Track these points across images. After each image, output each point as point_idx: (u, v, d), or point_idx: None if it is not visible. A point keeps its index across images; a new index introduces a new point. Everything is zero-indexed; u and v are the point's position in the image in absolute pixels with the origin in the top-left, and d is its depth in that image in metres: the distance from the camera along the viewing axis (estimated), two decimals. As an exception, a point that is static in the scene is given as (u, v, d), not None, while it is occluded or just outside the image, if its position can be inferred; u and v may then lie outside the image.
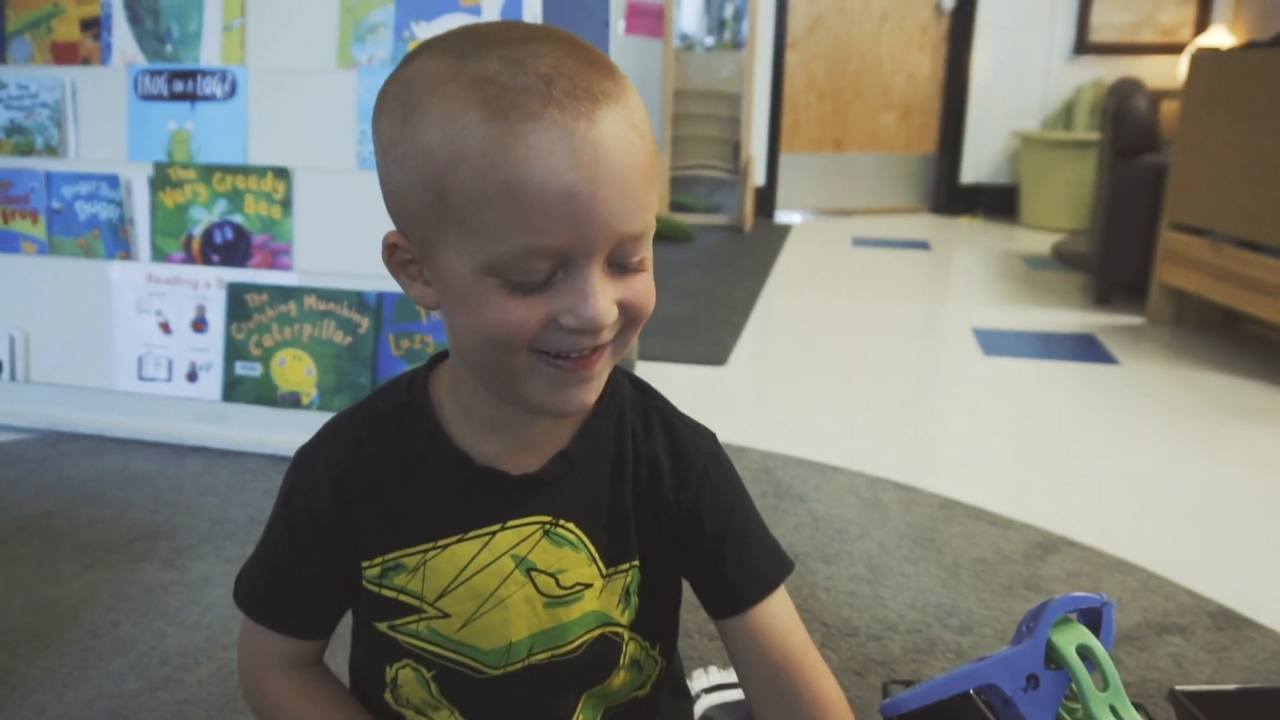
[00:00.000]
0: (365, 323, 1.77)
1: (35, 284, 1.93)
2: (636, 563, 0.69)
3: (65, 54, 2.04)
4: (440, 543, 0.66)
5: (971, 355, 2.61)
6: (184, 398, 1.84)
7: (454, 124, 0.54)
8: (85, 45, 2.04)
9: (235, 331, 1.83)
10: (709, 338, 2.70)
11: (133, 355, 1.88)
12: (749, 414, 2.14)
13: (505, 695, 0.68)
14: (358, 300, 1.77)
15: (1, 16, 2.07)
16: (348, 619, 0.73)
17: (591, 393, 0.61)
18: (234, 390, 1.82)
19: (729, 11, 5.24)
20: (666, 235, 4.27)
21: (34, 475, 1.68)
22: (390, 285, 1.76)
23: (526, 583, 0.66)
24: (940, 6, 5.22)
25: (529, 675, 0.68)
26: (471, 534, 0.66)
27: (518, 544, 0.66)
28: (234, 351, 1.83)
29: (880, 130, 5.37)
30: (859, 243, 4.48)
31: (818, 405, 2.18)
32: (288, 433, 1.76)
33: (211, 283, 1.84)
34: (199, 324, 1.85)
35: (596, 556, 0.68)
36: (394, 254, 0.62)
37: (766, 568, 0.71)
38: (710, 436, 0.72)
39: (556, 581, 0.66)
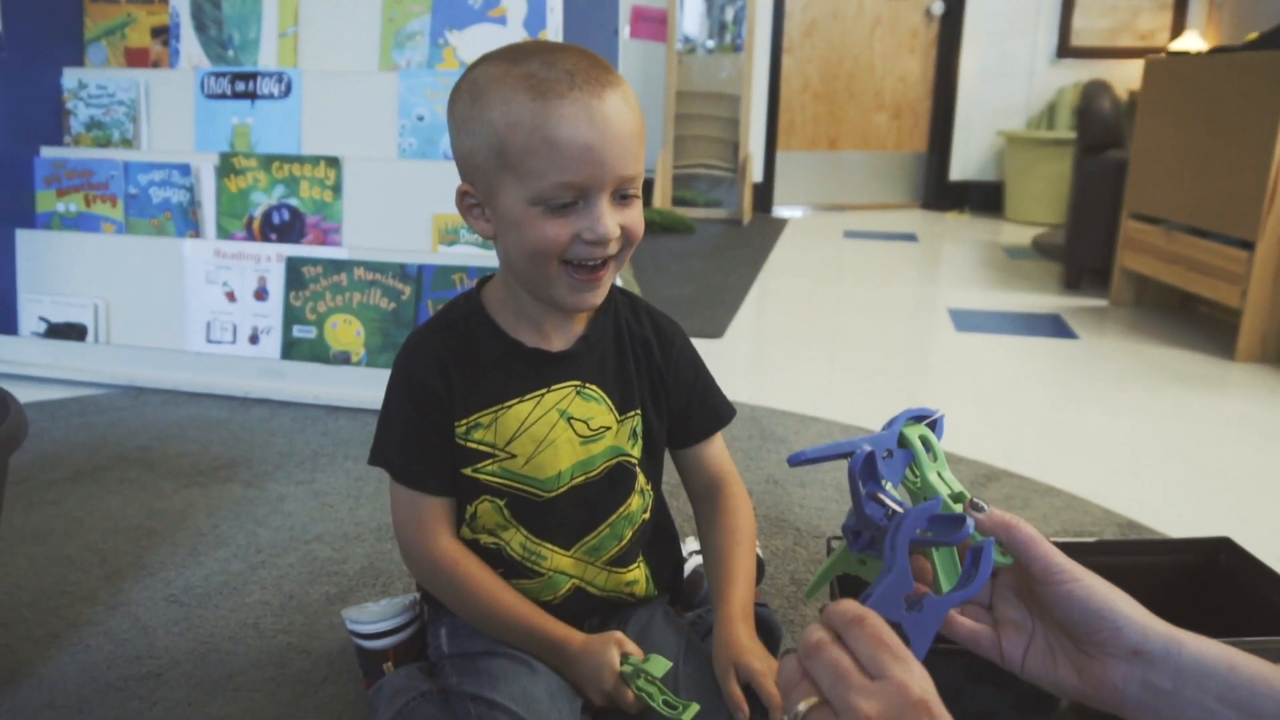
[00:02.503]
0: (407, 290, 2.04)
1: (115, 260, 2.21)
2: (639, 412, 0.98)
3: (137, 58, 2.32)
4: (506, 404, 0.93)
5: (945, 331, 2.88)
6: (247, 357, 2.11)
7: (509, 103, 0.83)
8: (155, 50, 2.32)
9: (293, 299, 2.10)
10: (707, 315, 2.97)
11: (202, 321, 2.16)
12: (742, 378, 2.41)
13: (555, 513, 0.96)
14: (400, 271, 2.04)
15: (80, 25, 2.35)
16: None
17: (598, 296, 0.91)
18: (292, 350, 2.10)
19: (729, 16, 5.51)
20: (668, 227, 4.53)
21: (124, 420, 1.95)
22: (428, 258, 2.04)
23: (567, 427, 0.94)
24: (930, 12, 5.49)
25: (570, 496, 0.96)
26: (527, 396, 0.94)
27: (559, 401, 0.94)
28: (292, 316, 2.10)
29: (873, 130, 5.63)
30: (850, 235, 4.75)
31: (802, 371, 2.45)
32: (339, 386, 2.03)
33: (271, 257, 2.11)
34: (260, 293, 2.13)
35: (612, 407, 0.97)
36: (463, 199, 0.90)
37: (721, 410, 1.05)
38: (677, 323, 1.04)
39: (587, 425, 0.95)
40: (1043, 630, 0.60)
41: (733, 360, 2.60)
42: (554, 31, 1.94)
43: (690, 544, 1.26)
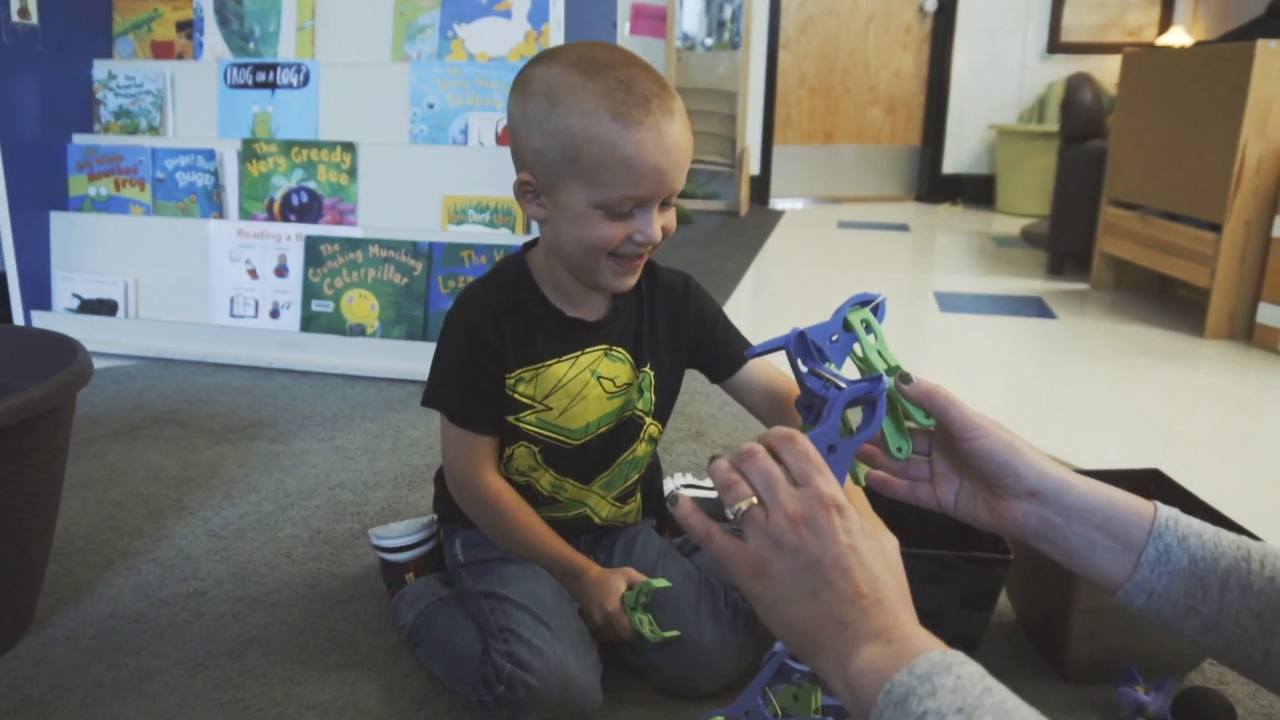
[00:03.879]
0: (419, 267, 2.17)
1: (143, 240, 2.34)
2: (648, 370, 1.12)
3: (163, 50, 2.46)
4: (545, 363, 1.07)
5: (929, 311, 3.01)
6: (269, 330, 2.25)
7: (590, 118, 0.92)
8: (180, 43, 2.46)
9: (311, 275, 2.24)
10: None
11: (226, 296, 2.30)
12: (733, 353, 2.54)
13: (579, 458, 1.11)
14: (413, 249, 2.18)
15: (109, 20, 2.48)
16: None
17: (635, 279, 1.05)
18: (310, 323, 2.24)
19: (727, 13, 5.64)
20: (668, 218, 4.67)
21: (154, 387, 2.09)
22: (438, 236, 2.17)
23: (597, 385, 1.09)
24: (923, 8, 5.62)
25: (594, 444, 1.11)
26: (565, 358, 1.07)
27: (592, 363, 1.08)
28: (310, 292, 2.24)
29: (867, 124, 5.76)
30: (844, 225, 4.88)
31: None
32: (356, 357, 2.17)
33: (291, 236, 2.25)
34: (281, 270, 2.26)
35: (632, 364, 1.11)
36: (522, 186, 1.01)
37: (742, 341, 1.18)
38: (687, 274, 1.17)
39: (614, 383, 1.10)
40: (965, 479, 0.73)
41: (726, 337, 2.73)
42: (555, 25, 2.08)
43: (676, 480, 1.39)
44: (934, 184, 5.76)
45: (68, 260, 2.37)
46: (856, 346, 0.78)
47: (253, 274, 2.28)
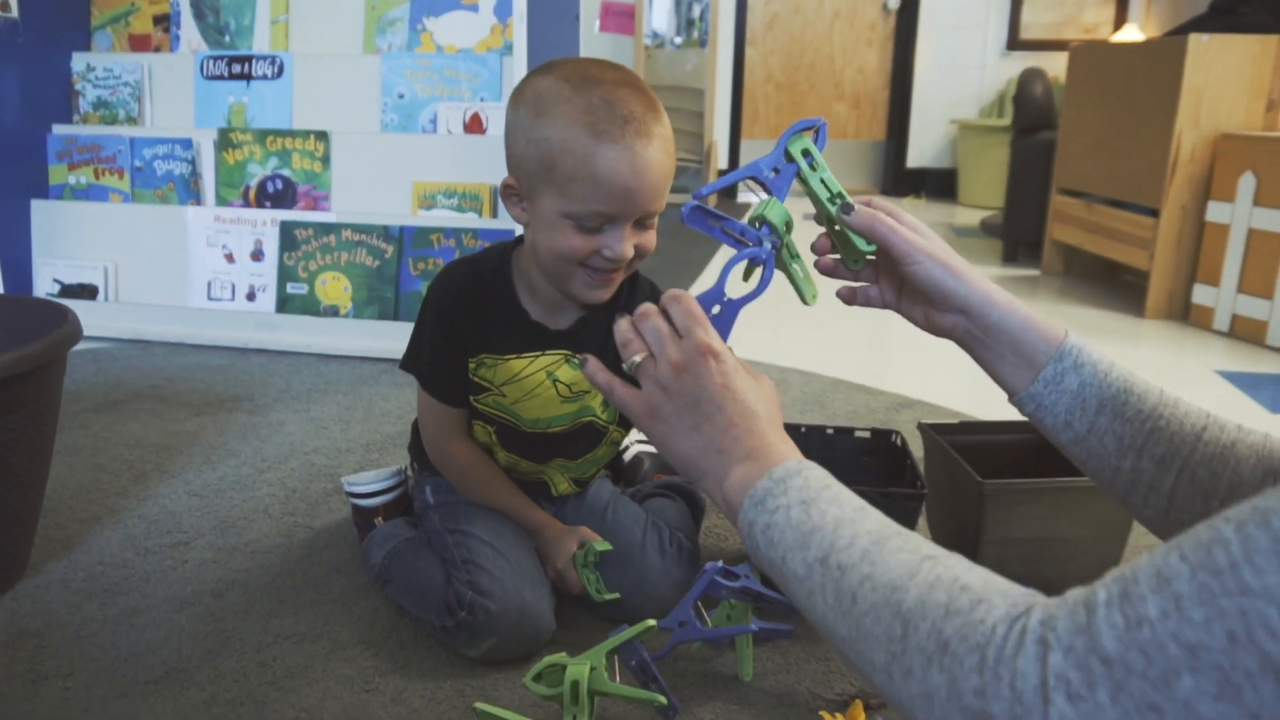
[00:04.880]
0: (390, 250, 2.27)
1: (122, 226, 2.42)
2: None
3: (140, 43, 2.54)
4: (505, 356, 1.15)
5: (885, 296, 3.13)
6: (245, 312, 2.33)
7: (568, 130, 0.96)
8: (157, 36, 2.53)
9: (286, 259, 2.33)
10: (667, 284, 3.20)
11: (203, 280, 2.38)
12: (695, 334, 2.65)
13: (533, 444, 1.19)
14: (384, 232, 2.27)
15: (87, 13, 2.56)
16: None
17: (608, 293, 1.09)
18: (285, 305, 2.32)
19: (696, 12, 5.75)
20: (637, 211, 4.76)
21: (135, 365, 2.17)
22: (408, 221, 2.27)
23: (551, 387, 1.16)
24: (887, 6, 5.75)
25: (548, 436, 1.19)
26: (524, 355, 1.15)
27: (549, 364, 1.15)
28: (285, 275, 2.33)
29: (833, 119, 5.89)
30: (809, 217, 4.99)
31: (746, 324, 2.69)
32: (330, 336, 2.26)
33: (267, 222, 2.34)
34: (257, 254, 2.35)
35: None
36: (507, 189, 1.07)
37: None
38: (653, 283, 1.21)
39: (570, 388, 1.16)
40: (906, 289, 0.83)
41: (689, 320, 2.83)
42: (519, 18, 2.17)
43: (631, 436, 1.50)
44: (898, 177, 5.89)
45: (48, 247, 2.44)
46: (801, 180, 0.81)
47: (229, 258, 2.36)
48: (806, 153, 0.81)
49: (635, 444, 1.46)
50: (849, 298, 0.85)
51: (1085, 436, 0.76)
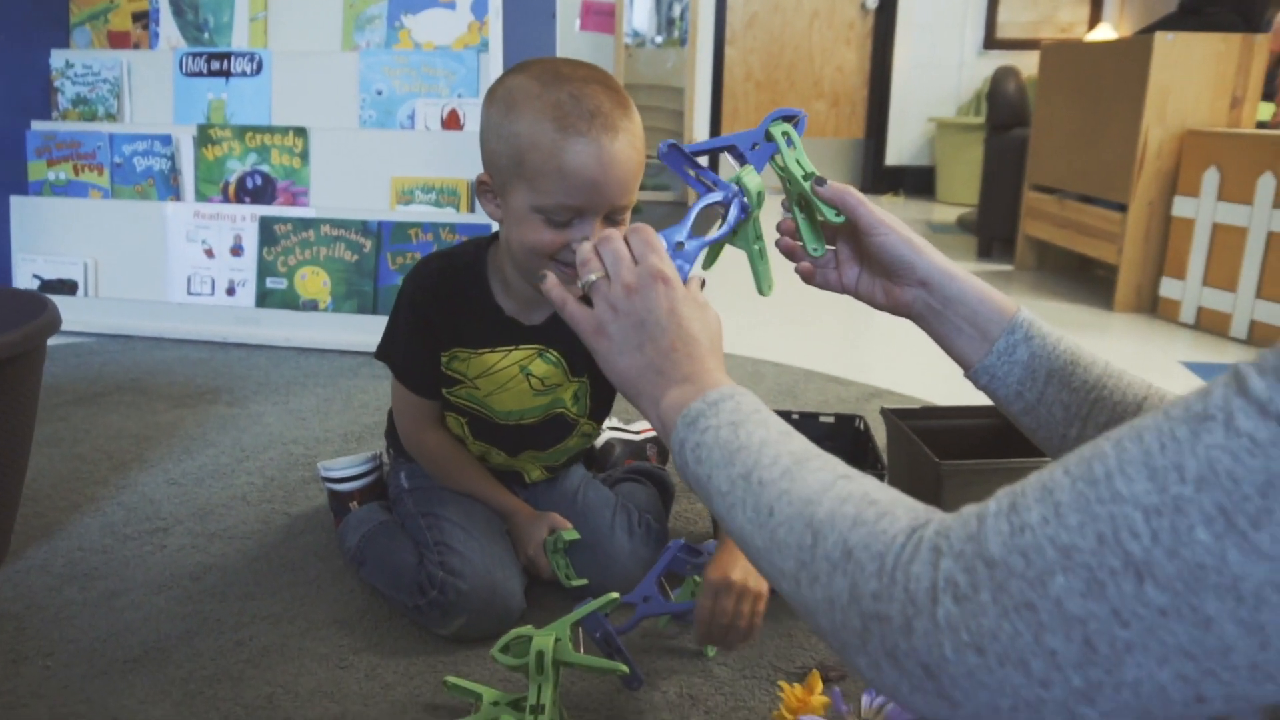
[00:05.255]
0: (369, 244, 2.29)
1: (102, 222, 2.44)
2: (584, 380, 1.21)
3: (119, 40, 2.55)
4: (478, 350, 1.18)
5: (860, 290, 3.17)
6: (225, 306, 2.35)
7: (536, 125, 0.98)
8: (135, 33, 2.55)
9: (266, 254, 2.35)
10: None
11: (183, 275, 2.39)
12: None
13: (504, 435, 1.22)
14: (363, 227, 2.29)
15: (66, 10, 2.57)
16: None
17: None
18: (265, 299, 2.34)
19: (676, 11, 5.79)
20: (618, 208, 4.80)
21: (115, 360, 2.19)
22: (387, 216, 2.29)
23: (524, 380, 1.18)
24: (865, 5, 5.80)
25: (520, 428, 1.22)
26: (497, 349, 1.17)
27: (523, 358, 1.17)
28: (265, 269, 2.35)
29: (812, 117, 5.93)
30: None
31: (724, 316, 2.73)
32: (309, 330, 2.28)
33: (246, 217, 2.36)
34: (236, 250, 2.37)
35: (567, 371, 1.19)
36: (481, 186, 1.09)
37: None
38: None
39: (542, 381, 1.19)
40: (865, 268, 0.86)
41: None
42: (495, 15, 2.20)
43: (609, 421, 1.53)
44: (877, 175, 5.94)
45: (28, 242, 2.45)
46: (778, 156, 0.84)
47: (209, 253, 2.38)
48: (786, 135, 0.84)
49: (607, 429, 1.49)
50: (808, 273, 0.87)
51: (1035, 406, 0.80)
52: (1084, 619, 0.38)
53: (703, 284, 0.72)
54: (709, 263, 0.86)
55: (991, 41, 5.69)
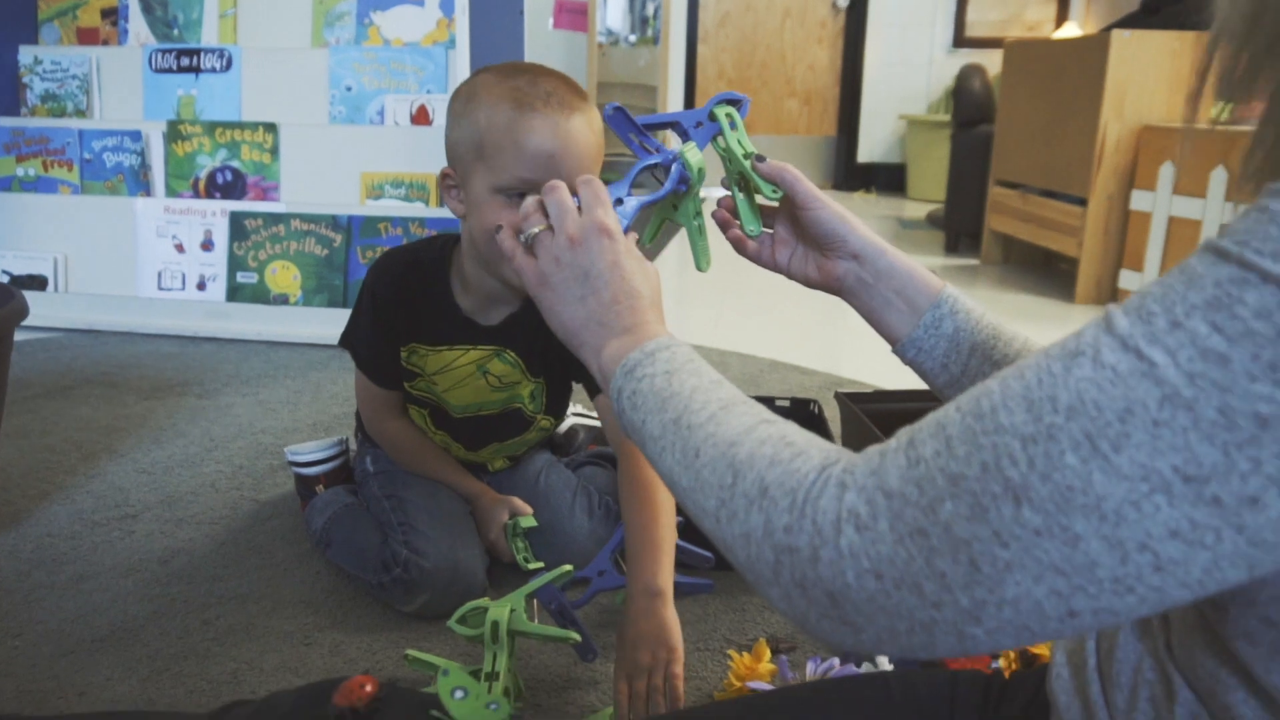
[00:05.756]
0: (339, 239, 2.31)
1: (72, 218, 2.44)
2: (541, 381, 1.24)
3: (88, 37, 2.56)
4: (436, 347, 1.20)
5: (828, 284, 3.22)
6: (196, 301, 2.36)
7: (493, 108, 1.03)
8: (105, 30, 2.56)
9: (236, 249, 2.36)
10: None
11: (154, 270, 2.41)
12: (641, 321, 2.71)
13: (464, 427, 1.26)
14: (333, 221, 2.32)
15: (34, 7, 2.57)
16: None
17: None
18: (236, 294, 2.36)
19: (650, 10, 5.83)
20: (592, 205, 4.83)
21: (85, 354, 2.20)
22: (357, 210, 2.31)
23: (481, 377, 1.21)
24: (836, 4, 5.86)
25: (478, 419, 1.25)
26: (456, 347, 1.20)
27: (480, 358, 1.20)
28: (235, 264, 2.36)
29: (785, 115, 5.99)
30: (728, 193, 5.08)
31: (692, 308, 2.77)
32: (279, 324, 2.30)
33: (216, 212, 2.37)
34: (206, 245, 2.38)
35: (525, 371, 1.22)
36: (444, 180, 1.12)
37: None
38: None
39: (500, 380, 1.22)
40: (800, 243, 0.88)
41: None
42: (462, 12, 2.23)
43: (573, 407, 1.56)
44: (849, 172, 6.00)
45: (-3, 238, 2.46)
46: (720, 137, 0.86)
47: (179, 249, 2.39)
48: (729, 116, 0.87)
49: (571, 415, 1.53)
50: (739, 241, 0.88)
51: (959, 378, 0.83)
52: (969, 541, 0.41)
53: (638, 241, 0.74)
54: (650, 236, 0.89)
55: (961, 40, 5.76)
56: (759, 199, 0.86)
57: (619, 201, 0.79)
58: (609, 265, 0.68)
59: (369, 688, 0.58)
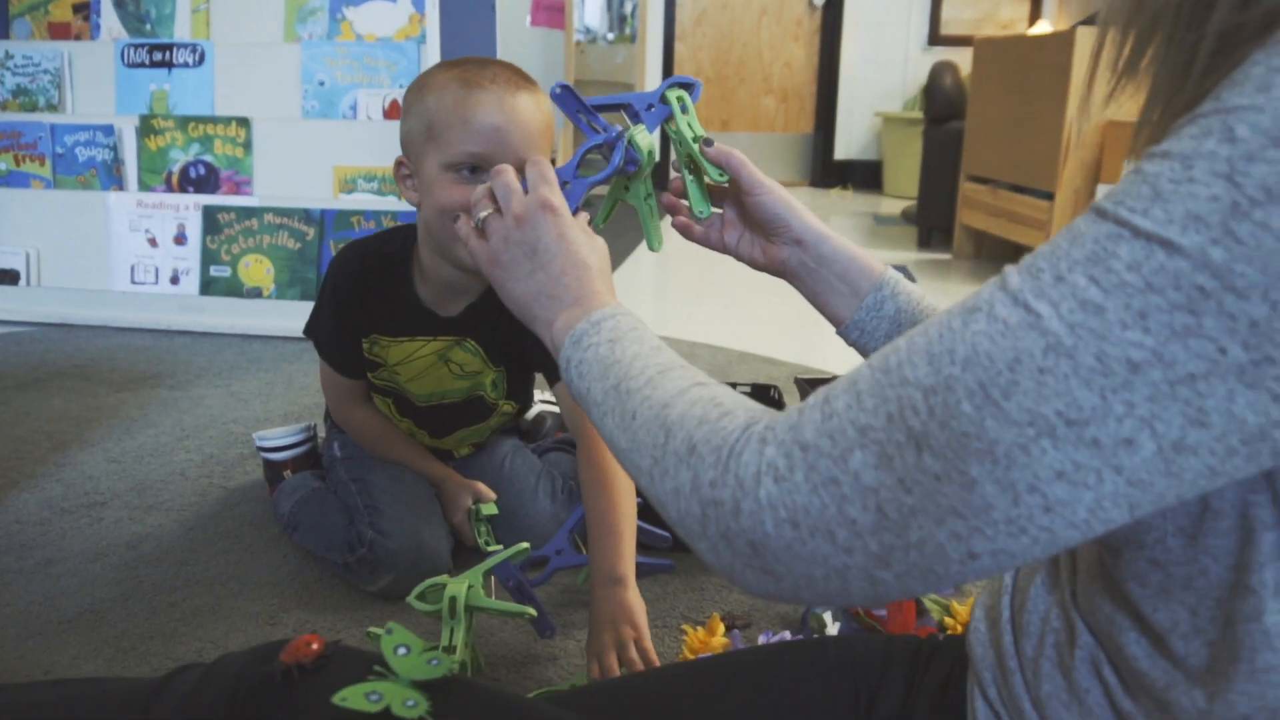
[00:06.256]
0: (311, 232, 2.33)
1: (44, 212, 2.44)
2: (502, 369, 1.26)
3: (60, 31, 2.56)
4: (397, 338, 1.22)
5: (801, 278, 3.25)
6: (169, 294, 2.37)
7: (442, 91, 1.06)
8: (76, 25, 2.56)
9: (209, 243, 2.37)
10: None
11: (126, 264, 2.41)
12: (614, 314, 2.74)
13: (428, 416, 1.28)
14: (305, 215, 2.33)
15: (5, 2, 2.57)
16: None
17: None
18: (209, 287, 2.37)
19: (628, 8, 5.85)
20: (569, 202, 4.85)
21: (58, 347, 2.21)
22: (330, 204, 2.33)
23: (443, 366, 1.23)
24: (812, 2, 5.90)
25: (441, 407, 1.27)
26: (416, 338, 1.22)
27: (441, 348, 1.22)
28: (209, 258, 2.37)
29: (762, 112, 6.03)
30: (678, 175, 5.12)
31: (667, 302, 2.80)
32: (253, 317, 2.31)
33: (189, 206, 2.38)
34: (180, 239, 2.39)
35: (485, 359, 1.24)
36: (399, 169, 1.14)
37: None
38: None
39: (461, 368, 1.24)
40: (746, 227, 0.90)
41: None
42: (433, 7, 2.24)
43: (541, 394, 1.59)
44: (826, 169, 6.04)
45: (-31, 233, 2.46)
46: (671, 121, 0.88)
47: (152, 243, 2.40)
48: (681, 100, 0.89)
49: (539, 403, 1.55)
50: (685, 227, 0.91)
51: None
52: (876, 489, 0.44)
53: (590, 221, 0.76)
54: (604, 217, 0.91)
55: (936, 38, 5.81)
56: (707, 181, 0.89)
57: (565, 184, 0.82)
58: (555, 239, 0.70)
59: (315, 645, 0.60)
